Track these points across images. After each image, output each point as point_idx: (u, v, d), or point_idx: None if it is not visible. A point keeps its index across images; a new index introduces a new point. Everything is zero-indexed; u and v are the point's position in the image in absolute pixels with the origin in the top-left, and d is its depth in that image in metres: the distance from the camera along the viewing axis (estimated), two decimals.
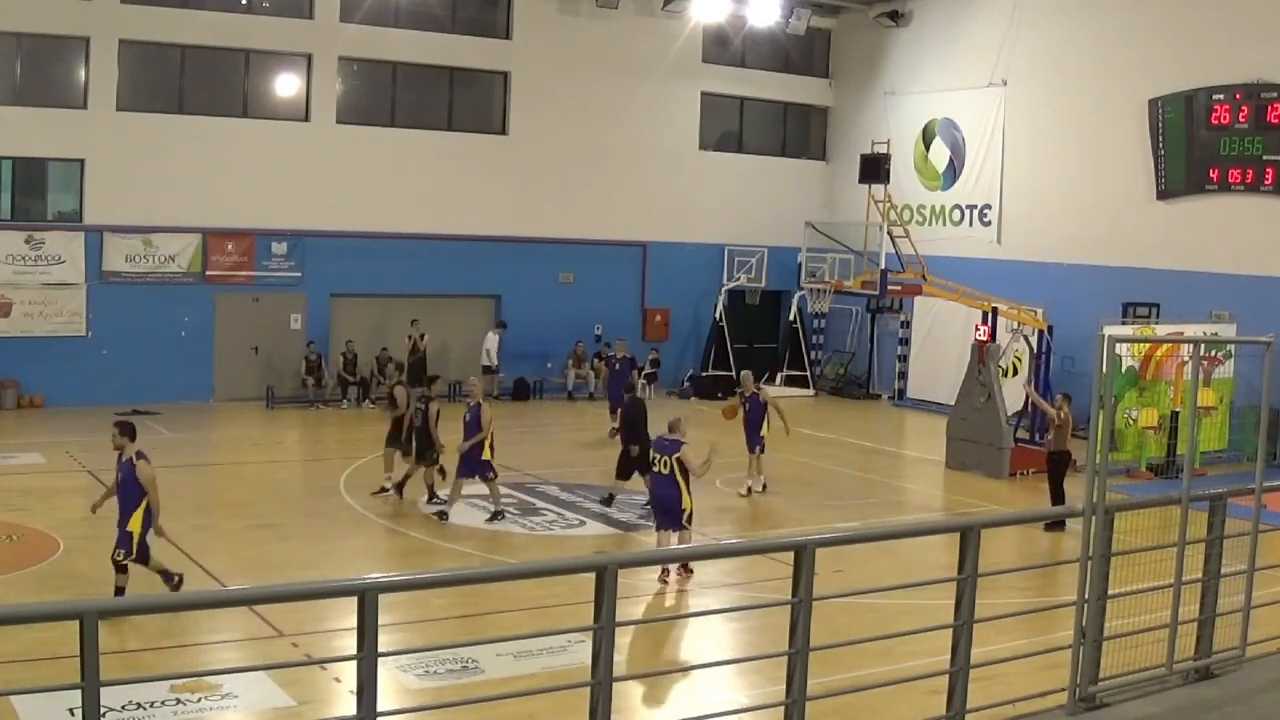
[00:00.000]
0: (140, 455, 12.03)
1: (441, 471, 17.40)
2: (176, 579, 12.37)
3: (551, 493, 18.61)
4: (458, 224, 27.95)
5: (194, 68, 25.70)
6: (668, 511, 13.87)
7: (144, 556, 12.19)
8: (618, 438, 21.55)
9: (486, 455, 16.40)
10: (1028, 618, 11.06)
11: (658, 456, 13.91)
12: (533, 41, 28.57)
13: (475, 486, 17.77)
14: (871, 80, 31.37)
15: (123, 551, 12.01)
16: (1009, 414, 21.92)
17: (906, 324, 30.09)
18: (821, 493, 19.67)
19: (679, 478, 13.63)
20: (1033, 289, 25.49)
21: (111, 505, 12.31)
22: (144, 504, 11.95)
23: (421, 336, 26.08)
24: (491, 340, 27.22)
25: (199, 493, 17.39)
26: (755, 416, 18.74)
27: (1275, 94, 22.91)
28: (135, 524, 11.95)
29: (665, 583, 13.55)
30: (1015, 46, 27.79)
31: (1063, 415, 17.71)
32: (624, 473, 17.34)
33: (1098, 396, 7.80)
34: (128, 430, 12.23)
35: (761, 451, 18.80)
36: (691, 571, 13.84)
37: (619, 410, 22.87)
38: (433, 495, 17.36)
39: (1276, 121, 22.94)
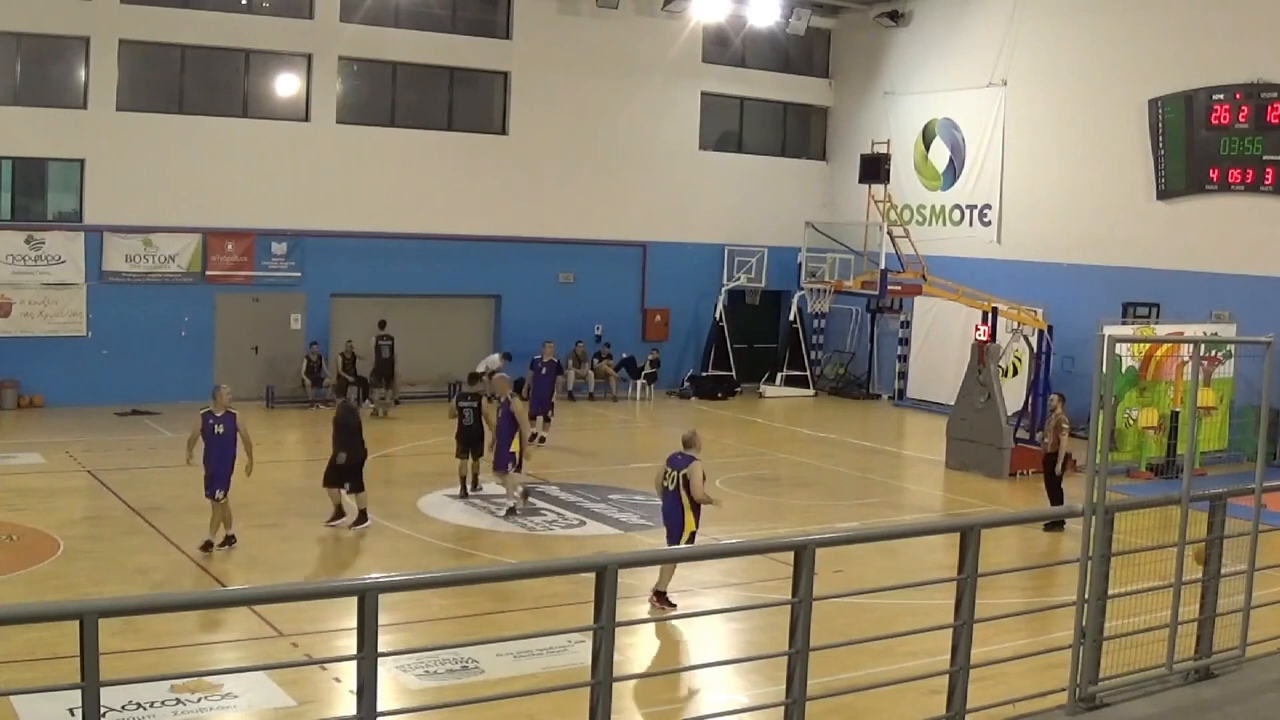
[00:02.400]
0: None
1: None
2: None
3: (551, 493, 18.61)
4: (458, 224, 27.95)
5: (194, 68, 25.70)
6: (670, 531, 13.04)
7: None
8: (538, 443, 21.28)
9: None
10: (1028, 618, 11.08)
11: (668, 470, 12.95)
12: (533, 41, 28.57)
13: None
14: (871, 80, 31.37)
15: None
16: (1009, 414, 21.92)
17: (906, 324, 30.10)
18: (821, 493, 19.67)
19: (684, 496, 12.77)
20: (1033, 289, 25.49)
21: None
22: None
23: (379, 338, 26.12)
24: (493, 360, 26.86)
25: (199, 493, 17.36)
26: (505, 427, 16.98)
27: (1275, 94, 22.91)
28: None
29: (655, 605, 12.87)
30: (1015, 46, 27.79)
31: (1056, 416, 17.75)
32: (331, 480, 15.90)
33: (1098, 396, 7.80)
34: None
35: (516, 469, 16.97)
36: (670, 605, 12.87)
37: (538, 417, 22.11)
38: (477, 485, 18.06)
39: (1276, 121, 22.93)
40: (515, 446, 16.98)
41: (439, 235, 27.75)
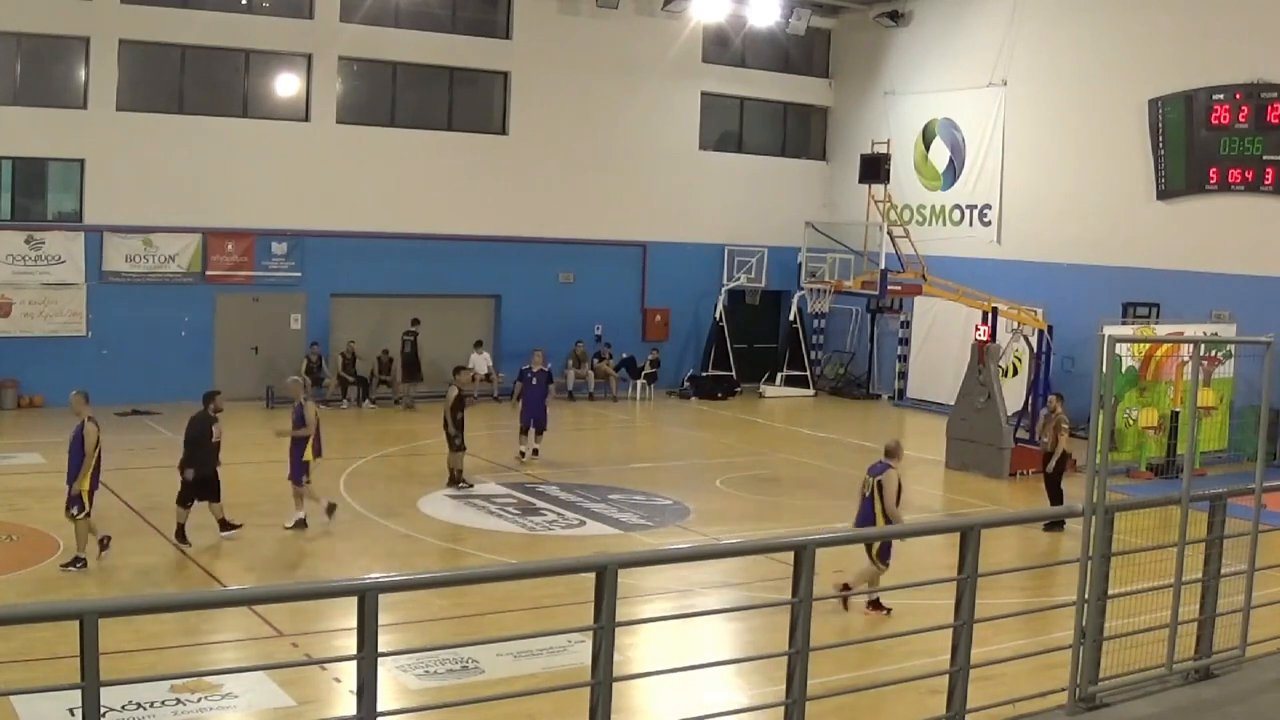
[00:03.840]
0: None
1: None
2: None
3: (551, 493, 18.62)
4: (458, 224, 27.96)
5: (194, 68, 25.71)
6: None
7: None
8: (531, 458, 20.71)
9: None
10: (1028, 618, 11.08)
11: (867, 479, 13.02)
12: (533, 41, 28.57)
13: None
14: (871, 80, 31.37)
15: None
16: (1009, 414, 21.92)
17: (906, 324, 30.10)
18: (821, 493, 19.65)
19: (878, 504, 12.77)
20: (1033, 289, 25.49)
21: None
22: None
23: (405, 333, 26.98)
24: (478, 361, 26.87)
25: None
26: (298, 437, 15.87)
27: (1275, 94, 22.91)
28: None
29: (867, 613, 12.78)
30: (1015, 46, 27.79)
31: (1056, 416, 17.75)
32: (184, 498, 14.79)
33: (1098, 396, 7.80)
34: None
35: (307, 481, 15.79)
36: (885, 609, 12.71)
37: (529, 430, 20.94)
38: (459, 480, 18.28)
39: (1276, 121, 22.94)
40: (309, 456, 15.78)
41: (439, 235, 27.76)
